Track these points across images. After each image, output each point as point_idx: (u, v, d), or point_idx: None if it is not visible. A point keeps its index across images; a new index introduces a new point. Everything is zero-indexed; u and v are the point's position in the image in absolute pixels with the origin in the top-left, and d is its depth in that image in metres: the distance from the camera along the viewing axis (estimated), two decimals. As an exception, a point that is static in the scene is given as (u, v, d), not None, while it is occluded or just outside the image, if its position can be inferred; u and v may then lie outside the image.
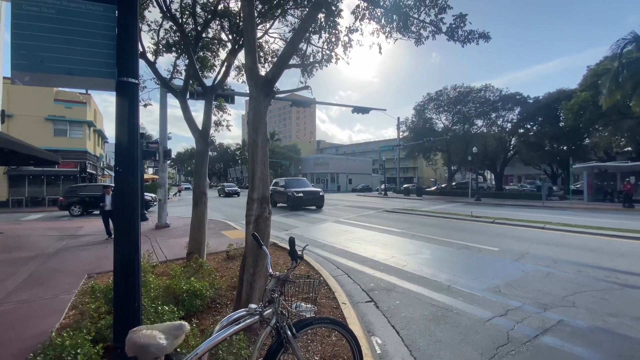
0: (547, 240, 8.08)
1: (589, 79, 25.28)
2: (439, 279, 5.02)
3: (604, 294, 4.24)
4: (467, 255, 6.65)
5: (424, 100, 37.95)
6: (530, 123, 33.92)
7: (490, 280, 4.91)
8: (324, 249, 7.29)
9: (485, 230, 9.83)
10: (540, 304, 3.94)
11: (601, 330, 3.24)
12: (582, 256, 6.33)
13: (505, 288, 4.54)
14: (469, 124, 35.26)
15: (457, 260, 6.21)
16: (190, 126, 5.47)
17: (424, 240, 8.21)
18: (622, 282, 4.73)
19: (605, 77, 18.30)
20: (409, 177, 76.51)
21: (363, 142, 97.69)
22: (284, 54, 3.52)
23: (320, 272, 5.14)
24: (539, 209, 18.12)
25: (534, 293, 4.33)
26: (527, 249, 6.97)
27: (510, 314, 3.69)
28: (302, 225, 11.10)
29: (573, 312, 3.69)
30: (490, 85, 34.15)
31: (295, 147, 64.31)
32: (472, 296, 4.25)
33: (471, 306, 3.92)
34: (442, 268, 5.61)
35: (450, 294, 4.34)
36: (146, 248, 7.61)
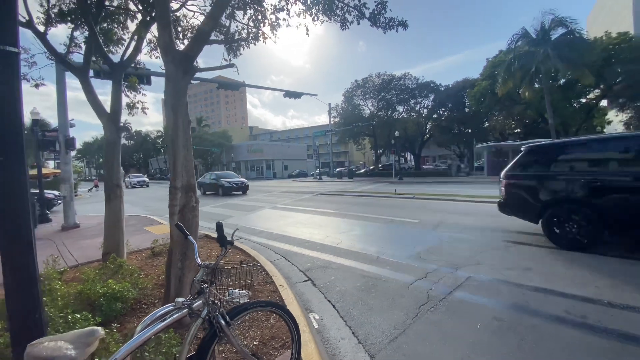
0: (457, 210, 9.31)
1: (488, 69, 29.20)
2: (369, 252, 5.40)
3: (502, 252, 5.08)
4: (392, 228, 7.28)
5: (352, 87, 39.44)
6: (442, 109, 38.05)
7: (413, 249, 5.47)
8: (261, 236, 7.20)
9: (408, 205, 10.85)
10: (453, 265, 4.55)
11: (500, 282, 3.89)
12: (484, 221, 7.46)
13: (425, 254, 5.12)
14: (391, 110, 37.95)
15: (385, 234, 6.76)
16: (96, 109, 4.74)
17: (355, 218, 8.71)
18: (515, 240, 5.70)
19: (501, 68, 21.31)
20: (341, 162, 79.54)
21: (297, 128, 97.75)
22: (203, 26, 3.23)
23: (258, 258, 5.08)
24: (450, 184, 20.68)
25: (448, 256, 4.97)
26: (441, 219, 7.92)
27: (429, 276, 4.18)
28: (236, 214, 10.75)
29: (478, 269, 4.35)
30: (409, 74, 37.07)
31: (225, 133, 61.05)
32: (398, 264, 4.70)
33: (397, 273, 4.33)
34: (372, 242, 6.05)
35: (379, 265, 4.72)
36: (51, 252, 6.51)
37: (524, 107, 26.08)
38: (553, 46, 18.55)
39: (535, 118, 28.01)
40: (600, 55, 20.43)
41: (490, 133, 37.02)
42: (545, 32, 19.41)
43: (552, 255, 4.75)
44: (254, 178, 52.21)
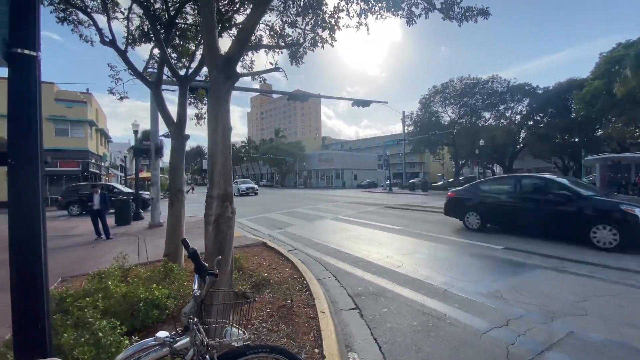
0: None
1: (602, 66, 24.22)
2: (434, 281, 4.56)
3: (619, 299, 3.74)
4: (468, 254, 6.16)
5: (430, 93, 37.09)
6: (540, 114, 32.85)
7: (492, 283, 4.44)
8: (315, 249, 6.88)
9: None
10: (547, 312, 3.47)
11: (618, 345, 2.76)
12: (596, 254, 5.79)
13: (508, 292, 4.07)
14: (476, 116, 34.38)
15: (457, 260, 5.74)
16: (165, 119, 5.10)
17: (424, 237, 7.74)
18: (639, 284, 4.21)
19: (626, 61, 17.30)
20: (415, 172, 75.55)
21: (369, 138, 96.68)
22: (244, 26, 3.07)
23: (305, 274, 4.73)
24: (549, 203, 17.40)
25: (541, 298, 3.85)
26: (534, 248, 6.44)
27: (511, 324, 3.23)
28: (297, 223, 10.71)
29: (585, 322, 3.21)
30: (497, 77, 33.20)
31: (299, 143, 63.85)
32: (470, 302, 3.80)
33: (467, 314, 3.47)
34: (439, 269, 5.15)
35: (445, 300, 3.89)
36: (132, 248, 7.33)
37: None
38: None
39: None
40: None
41: (605, 143, 30.42)
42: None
43: None
44: (324, 187, 53.08)
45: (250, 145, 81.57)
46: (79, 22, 5.38)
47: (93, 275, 4.13)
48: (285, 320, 3.30)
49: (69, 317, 2.70)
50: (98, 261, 6.00)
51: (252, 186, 29.37)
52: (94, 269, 4.83)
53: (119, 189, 17.30)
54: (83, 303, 2.89)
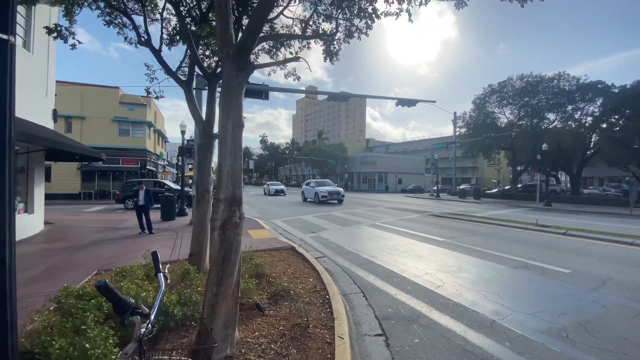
0: (639, 262, 6.16)
1: None
2: (481, 309, 3.84)
3: None
4: (525, 277, 5.23)
5: (485, 92, 34.20)
6: (615, 116, 28.43)
7: (555, 317, 3.60)
8: (346, 258, 6.40)
9: (554, 244, 7.98)
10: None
11: None
12: (702, 290, 4.53)
13: (575, 332, 3.24)
14: (538, 118, 30.91)
15: (511, 284, 4.87)
16: (195, 117, 5.04)
17: (471, 253, 6.84)
18: None
19: None
20: (467, 178, 70.93)
21: (416, 140, 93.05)
22: (257, 10, 2.74)
23: (329, 288, 4.30)
24: (626, 217, 14.86)
25: (619, 343, 2.98)
26: (610, 274, 5.29)
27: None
28: (331, 227, 10.30)
29: None
30: (565, 74, 29.45)
31: (342, 145, 63.41)
32: (526, 341, 3.06)
33: (522, 359, 2.77)
34: (489, 293, 4.37)
35: (494, 335, 3.19)
36: (168, 244, 7.51)
37: None
38: None
39: None
40: None
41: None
42: None
43: None
44: (366, 190, 52.00)
45: (294, 146, 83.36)
46: (123, 25, 5.57)
47: (116, 272, 4.15)
48: (297, 343, 2.90)
49: (70, 319, 2.59)
50: (134, 255, 6.17)
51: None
52: (128, 263, 4.93)
53: (169, 186, 18.44)
54: (87, 305, 2.78)
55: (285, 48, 5.36)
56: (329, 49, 5.60)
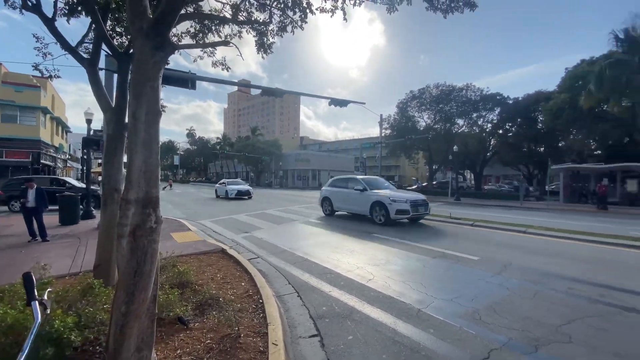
0: (531, 247, 7.36)
1: (568, 81, 25.35)
2: (408, 299, 4.08)
3: (602, 322, 3.41)
4: (443, 266, 5.77)
5: (407, 97, 37.39)
6: (509, 124, 34.05)
7: (469, 301, 4.01)
8: (281, 257, 6.24)
9: (465, 234, 9.07)
10: (530, 339, 3.07)
11: None
12: (570, 268, 5.59)
13: (487, 314, 3.65)
14: (450, 123, 35.01)
15: (432, 273, 5.32)
16: (100, 103, 4.26)
17: (397, 246, 7.31)
18: (621, 304, 3.94)
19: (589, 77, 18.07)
20: (391, 176, 76.62)
21: (347, 140, 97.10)
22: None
23: (262, 291, 4.09)
24: (517, 209, 17.80)
25: (522, 321, 3.45)
26: (510, 259, 6.18)
27: (494, 355, 2.78)
28: (265, 226, 10.00)
29: (571, 352, 2.82)
30: (471, 85, 33.91)
31: (276, 142, 62.70)
32: (447, 327, 3.33)
33: (445, 344, 2.98)
34: (414, 283, 4.68)
35: (420, 324, 3.40)
36: (67, 254, 6.31)
37: (611, 125, 21.73)
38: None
39: (622, 139, 23.13)
40: None
41: (566, 153, 32.08)
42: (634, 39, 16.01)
43: None
44: (300, 187, 52.40)
45: (225, 142, 79.36)
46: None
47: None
48: (227, 356, 2.65)
49: None
50: (20, 269, 4.99)
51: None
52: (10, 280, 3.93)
53: (71, 184, 15.70)
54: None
55: (213, 34, 4.91)
56: (262, 40, 5.34)
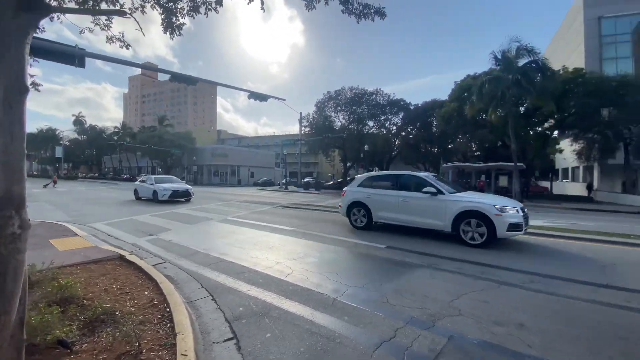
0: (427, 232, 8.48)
1: (457, 92, 29.95)
2: (324, 290, 4.24)
3: (484, 295, 4.14)
4: (357, 254, 6.20)
5: (325, 98, 38.92)
6: (410, 127, 38.65)
7: (379, 286, 4.39)
8: (193, 259, 5.77)
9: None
10: (430, 315, 3.52)
11: (491, 347, 2.88)
12: (461, 250, 6.61)
13: (394, 296, 4.05)
14: (362, 124, 37.85)
15: (346, 263, 5.65)
16: None
17: (315, 238, 7.54)
18: (497, 279, 4.81)
19: (472, 89, 21.63)
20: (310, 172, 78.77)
21: (267, 136, 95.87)
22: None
23: (170, 298, 3.70)
24: (417, 202, 20.32)
25: (422, 300, 3.94)
26: (412, 245, 6.99)
27: (399, 334, 3.09)
28: (176, 227, 9.13)
29: (461, 323, 3.34)
30: (380, 90, 37.27)
31: (189, 135, 57.78)
32: (359, 312, 3.57)
33: (357, 329, 3.19)
34: (330, 274, 4.89)
35: (335, 312, 3.56)
36: None
37: (488, 131, 26.83)
38: (522, 72, 19.13)
39: (495, 142, 28.93)
40: (559, 86, 21.45)
41: (454, 154, 38.13)
42: (509, 60, 20.05)
43: (551, 304, 3.89)
44: (217, 184, 49.64)
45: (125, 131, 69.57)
46: None
47: None
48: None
49: None
50: None
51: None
52: None
53: None
54: None
55: (107, 3, 4.17)
56: (170, 19, 4.81)
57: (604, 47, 31.92)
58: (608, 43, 31.87)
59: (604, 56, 31.77)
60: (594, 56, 31.73)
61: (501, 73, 20.16)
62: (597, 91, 21.25)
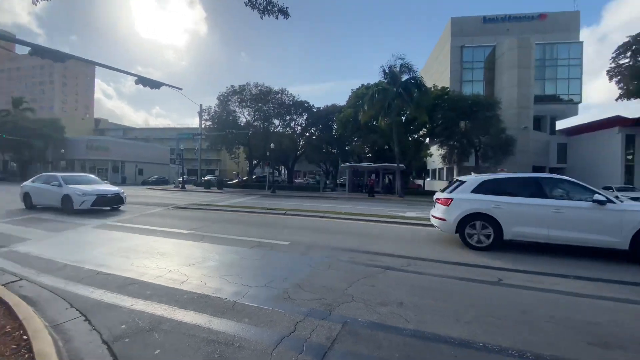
0: (327, 228, 9.08)
1: (353, 99, 32.81)
2: (224, 294, 4.08)
3: (372, 280, 4.68)
4: (259, 254, 6.16)
5: (228, 91, 37.24)
6: (314, 128, 40.53)
7: (281, 283, 4.49)
8: (60, 275, 4.75)
9: (279, 222, 10.04)
10: (327, 305, 3.78)
11: (377, 326, 3.29)
12: (353, 241, 7.28)
13: (295, 291, 4.20)
14: (268, 122, 37.75)
15: (248, 263, 5.56)
16: None
17: (215, 241, 7.18)
18: (383, 265, 5.48)
19: (365, 98, 24.02)
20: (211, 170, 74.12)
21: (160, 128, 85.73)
22: None
23: (28, 324, 2.97)
24: (318, 199, 21.46)
25: (321, 291, 4.21)
26: (313, 240, 7.36)
27: (299, 328, 3.23)
28: (36, 236, 7.33)
29: (353, 308, 3.70)
30: (286, 90, 37.89)
31: (56, 122, 46.74)
32: (261, 312, 3.58)
33: (258, 329, 3.20)
34: (231, 277, 4.74)
35: (235, 315, 3.48)
36: None
37: (378, 135, 30.33)
38: (403, 87, 22.23)
39: (384, 146, 32.98)
40: (431, 101, 25.84)
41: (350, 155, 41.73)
42: (395, 74, 23.13)
43: (425, 283, 4.65)
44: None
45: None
46: None
47: None
48: None
49: None
50: None
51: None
52: None
53: None
54: None
55: None
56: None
57: (464, 71, 39.91)
58: (467, 68, 39.97)
59: (464, 78, 39.74)
60: (456, 78, 39.32)
61: (389, 86, 23.04)
62: (457, 107, 26.59)
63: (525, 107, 34.33)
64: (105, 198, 11.64)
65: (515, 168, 29.30)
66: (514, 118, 33.08)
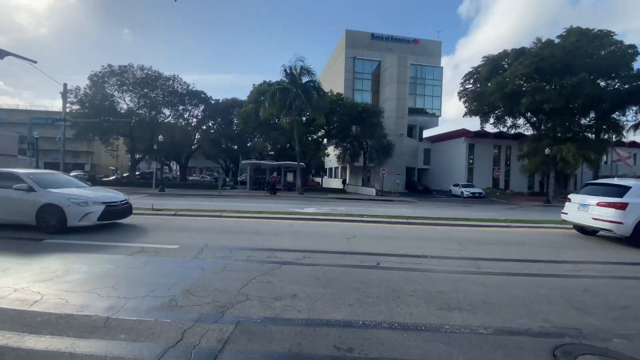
0: (224, 228, 8.71)
1: (254, 94, 32.24)
2: (93, 310, 3.48)
3: (268, 277, 4.74)
4: (141, 261, 5.46)
5: (105, 71, 31.36)
6: (212, 122, 38.09)
7: (166, 291, 4.10)
8: None
9: (167, 224, 9.10)
10: (220, 306, 3.65)
11: (271, 320, 3.36)
12: (251, 240, 7.21)
13: (183, 297, 3.90)
14: (156, 111, 33.53)
15: (127, 273, 4.87)
16: None
17: (82, 249, 6.01)
18: (279, 261, 5.60)
19: (266, 95, 23.98)
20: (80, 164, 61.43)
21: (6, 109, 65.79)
22: None
23: None
24: (216, 197, 20.36)
25: (214, 294, 4.03)
26: (207, 241, 6.95)
27: (187, 335, 3.03)
28: None
29: (248, 306, 3.68)
30: (178, 77, 34.34)
31: None
32: (141, 325, 3.20)
33: (137, 344, 2.86)
34: (103, 289, 4.06)
35: (108, 333, 3.02)
36: None
37: (279, 133, 30.75)
38: (303, 88, 23.13)
39: (285, 144, 33.75)
40: (328, 105, 27.69)
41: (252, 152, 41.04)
42: (295, 76, 23.89)
43: (318, 274, 4.95)
44: None
45: None
46: None
47: None
48: None
49: None
50: None
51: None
52: None
53: None
54: None
55: None
56: None
57: (356, 81, 44.08)
58: (358, 78, 44.23)
59: (356, 87, 43.87)
60: (349, 86, 43.10)
61: (290, 85, 23.62)
62: (350, 113, 29.29)
63: (401, 117, 40.31)
64: (115, 208, 8.12)
65: (393, 169, 34.28)
66: (393, 126, 38.48)
